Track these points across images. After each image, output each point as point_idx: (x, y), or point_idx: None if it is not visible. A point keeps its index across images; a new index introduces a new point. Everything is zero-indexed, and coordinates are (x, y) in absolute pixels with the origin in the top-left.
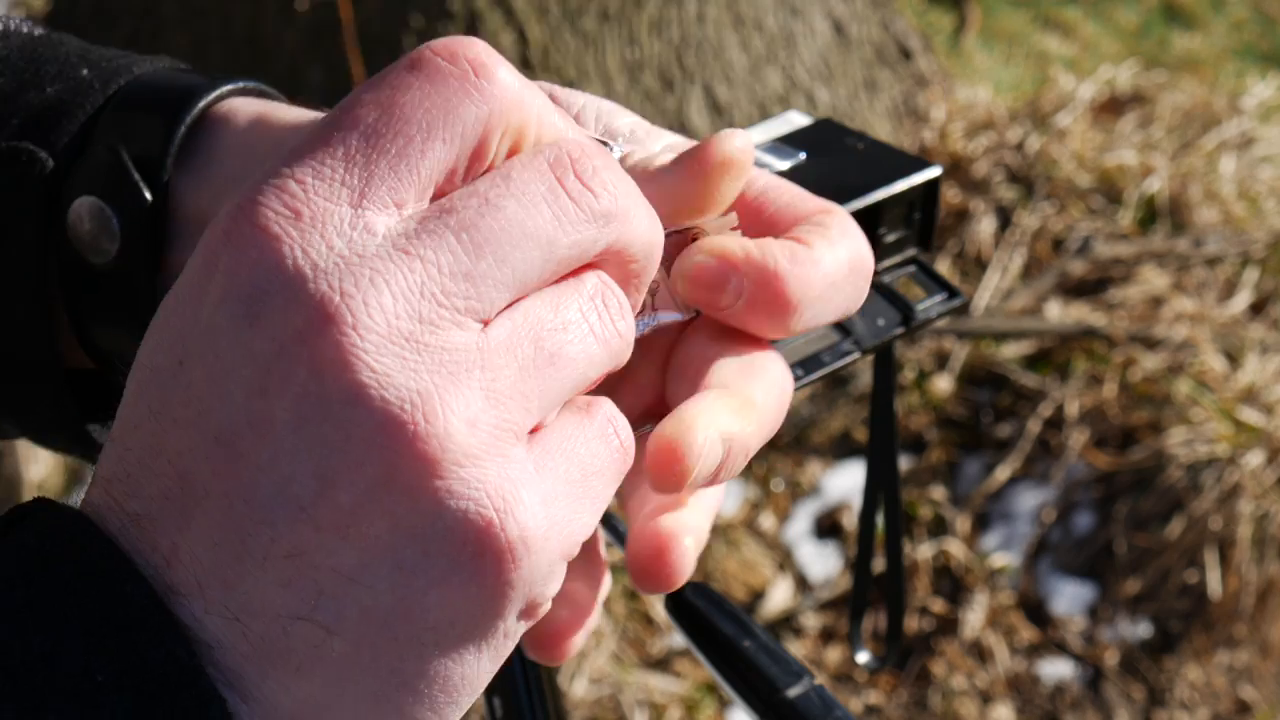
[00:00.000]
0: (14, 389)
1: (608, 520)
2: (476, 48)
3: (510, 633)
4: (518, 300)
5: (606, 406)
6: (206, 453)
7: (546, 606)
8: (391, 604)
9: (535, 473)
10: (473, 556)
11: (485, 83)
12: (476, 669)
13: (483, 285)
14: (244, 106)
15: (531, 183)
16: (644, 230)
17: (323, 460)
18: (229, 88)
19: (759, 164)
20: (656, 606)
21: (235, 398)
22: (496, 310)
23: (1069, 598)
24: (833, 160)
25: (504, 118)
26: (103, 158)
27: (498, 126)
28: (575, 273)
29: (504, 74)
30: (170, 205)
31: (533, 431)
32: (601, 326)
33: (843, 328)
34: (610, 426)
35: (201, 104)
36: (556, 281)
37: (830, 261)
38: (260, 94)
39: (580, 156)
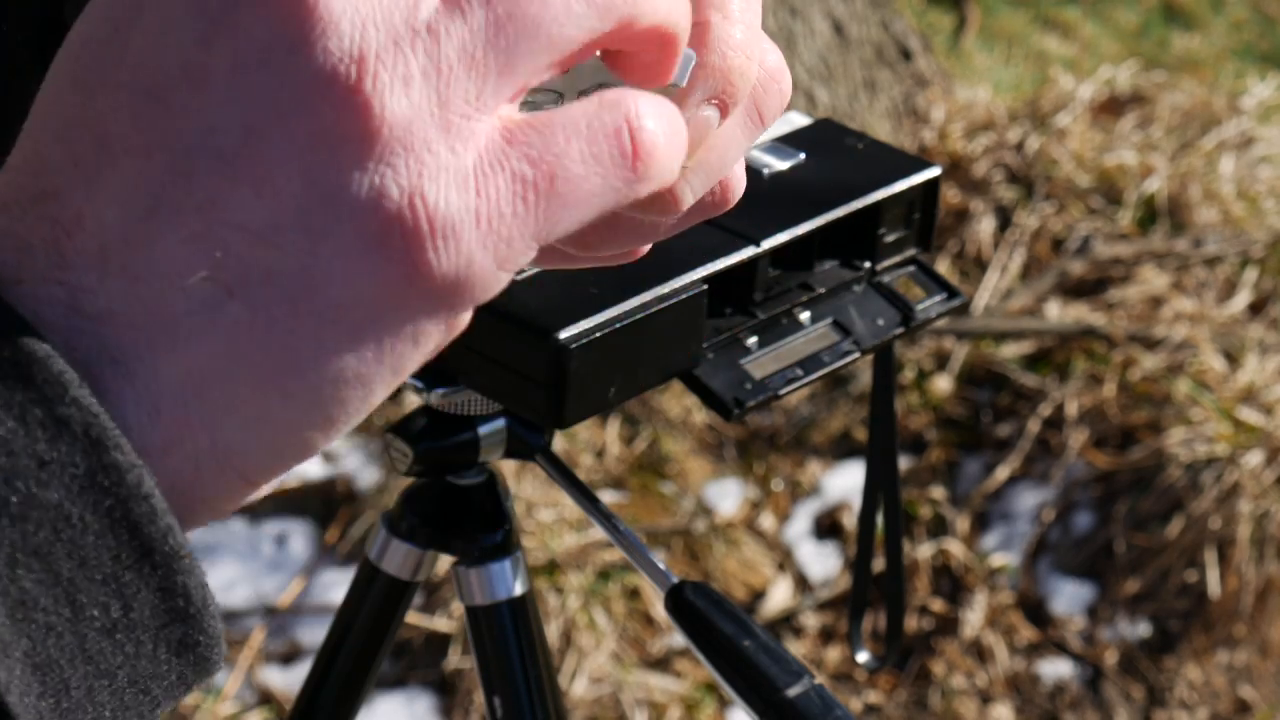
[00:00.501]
0: None
1: (608, 519)
2: None
3: (419, 338)
4: None
5: (631, 103)
6: (134, 109)
7: (465, 318)
8: (296, 270)
9: (484, 159)
10: (381, 233)
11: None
12: (374, 370)
13: None
14: None
15: None
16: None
17: (253, 109)
18: None
19: (758, 164)
20: (656, 606)
21: (175, 50)
22: None
23: (1068, 597)
24: (832, 160)
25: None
26: None
27: None
28: None
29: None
30: None
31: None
32: None
33: (843, 328)
34: (625, 129)
35: None
36: None
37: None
38: None
39: None
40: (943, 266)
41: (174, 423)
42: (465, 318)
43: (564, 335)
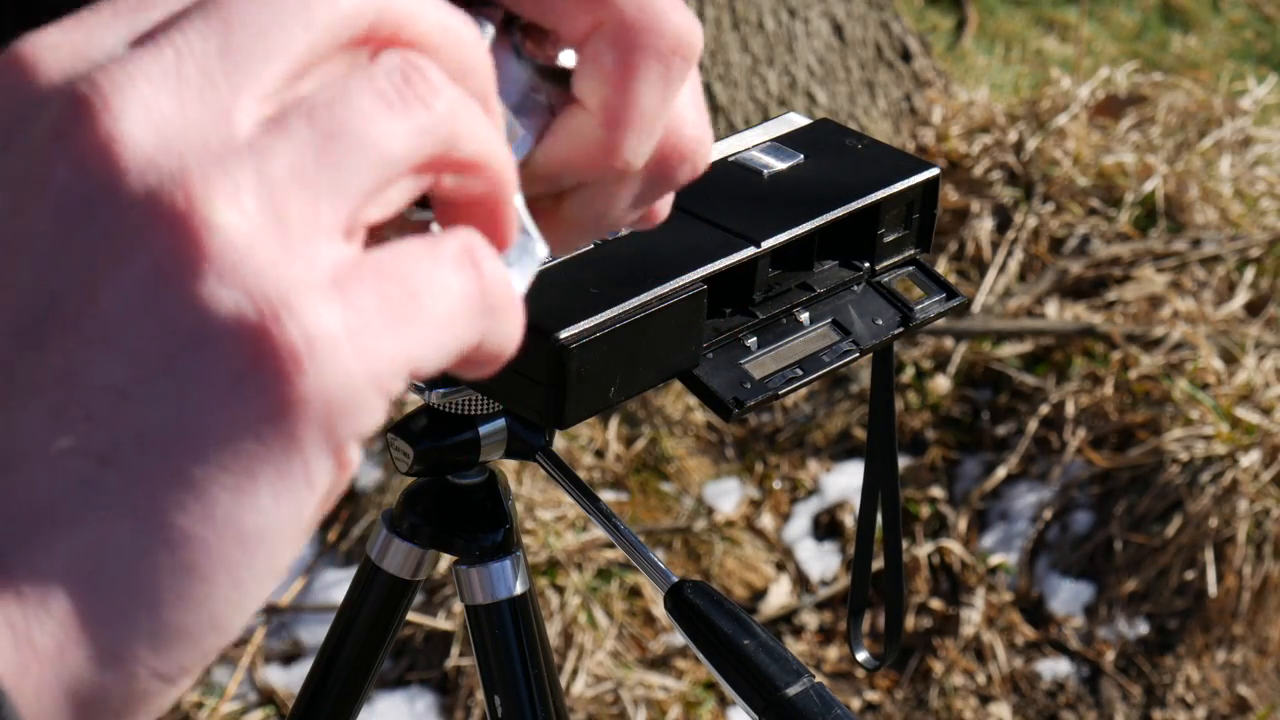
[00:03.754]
0: None
1: (608, 519)
2: None
3: (311, 473)
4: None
5: (466, 235)
6: None
7: (355, 455)
8: (168, 421)
9: (340, 278)
10: (249, 360)
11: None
12: (273, 516)
13: (248, 62)
14: None
15: None
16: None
17: (85, 263)
18: None
19: (757, 164)
20: (657, 605)
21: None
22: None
23: (1067, 596)
24: (832, 160)
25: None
26: None
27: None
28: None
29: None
30: None
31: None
32: (399, 95)
33: (842, 328)
34: (467, 255)
35: None
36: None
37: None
38: None
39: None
40: (942, 266)
41: (62, 622)
42: (355, 455)
43: (564, 335)
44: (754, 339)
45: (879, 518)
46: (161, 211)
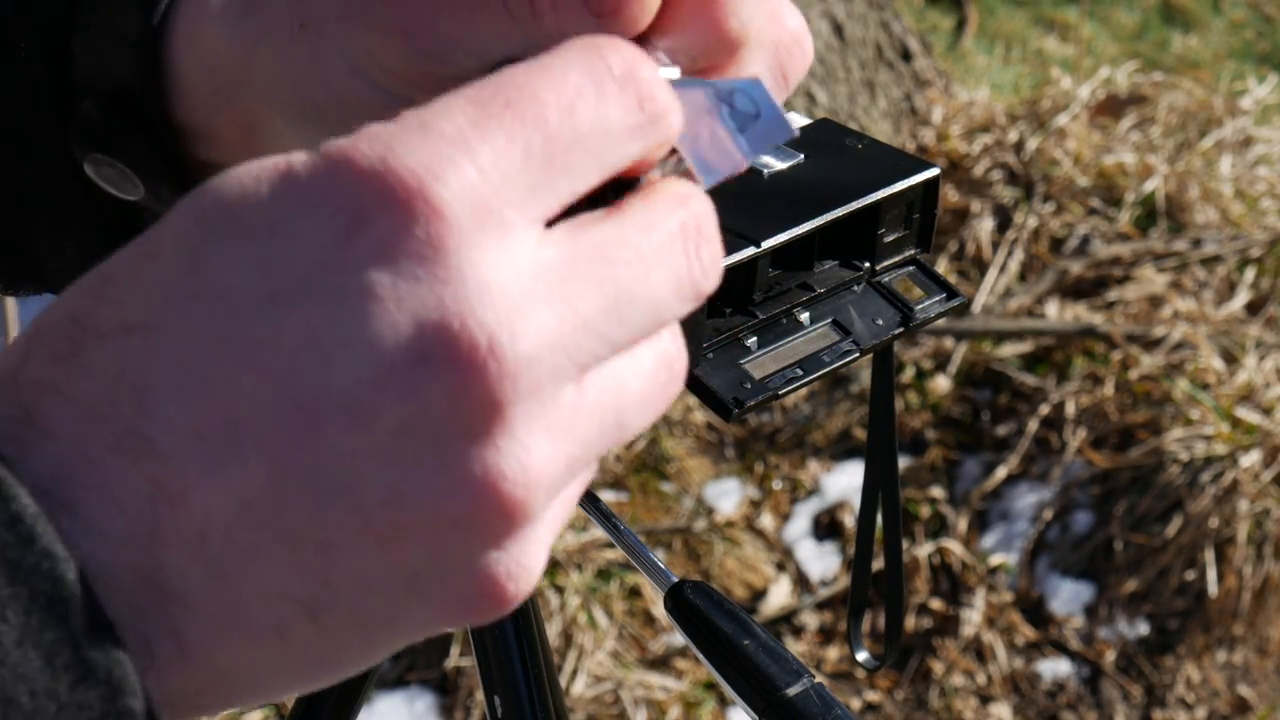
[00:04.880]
0: (45, 230)
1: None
2: (642, 69)
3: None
4: None
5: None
6: (276, 411)
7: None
8: (385, 615)
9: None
10: (475, 596)
11: (658, 115)
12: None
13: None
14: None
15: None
16: None
17: (407, 477)
18: None
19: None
20: (656, 605)
21: (341, 377)
22: None
23: (1067, 596)
24: (832, 160)
25: (655, 152)
26: (93, 117)
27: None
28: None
29: (671, 105)
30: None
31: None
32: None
33: (842, 328)
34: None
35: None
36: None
37: None
38: None
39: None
40: (942, 266)
41: (206, 699)
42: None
43: None
44: (754, 339)
45: (879, 518)
46: (498, 494)
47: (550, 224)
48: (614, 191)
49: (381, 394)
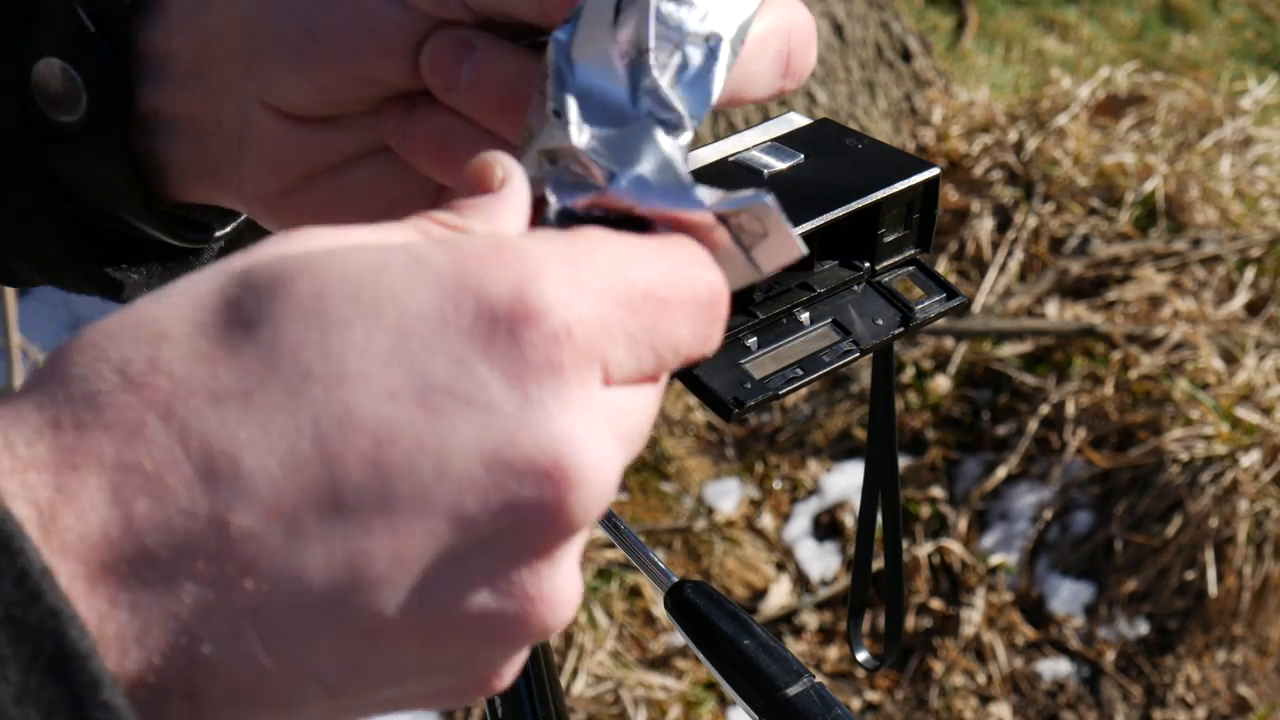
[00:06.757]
0: (19, 227)
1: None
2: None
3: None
4: None
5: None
6: (380, 502)
7: None
8: (394, 698)
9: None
10: (469, 699)
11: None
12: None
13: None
14: None
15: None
16: None
17: (475, 585)
18: None
19: (757, 164)
20: (656, 605)
21: (451, 483)
22: None
23: (1067, 596)
24: (832, 160)
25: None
26: (59, 16)
27: None
28: None
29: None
30: (135, 50)
31: None
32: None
33: (842, 328)
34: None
35: None
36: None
37: None
38: None
39: None
40: (942, 266)
41: None
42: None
43: None
44: (754, 339)
45: (879, 517)
46: (527, 632)
47: (553, 219)
48: (627, 224)
49: (485, 506)
